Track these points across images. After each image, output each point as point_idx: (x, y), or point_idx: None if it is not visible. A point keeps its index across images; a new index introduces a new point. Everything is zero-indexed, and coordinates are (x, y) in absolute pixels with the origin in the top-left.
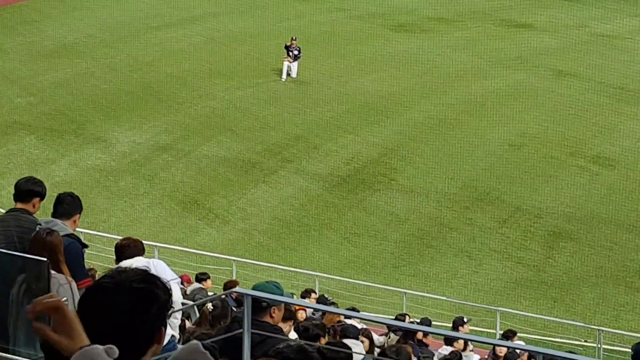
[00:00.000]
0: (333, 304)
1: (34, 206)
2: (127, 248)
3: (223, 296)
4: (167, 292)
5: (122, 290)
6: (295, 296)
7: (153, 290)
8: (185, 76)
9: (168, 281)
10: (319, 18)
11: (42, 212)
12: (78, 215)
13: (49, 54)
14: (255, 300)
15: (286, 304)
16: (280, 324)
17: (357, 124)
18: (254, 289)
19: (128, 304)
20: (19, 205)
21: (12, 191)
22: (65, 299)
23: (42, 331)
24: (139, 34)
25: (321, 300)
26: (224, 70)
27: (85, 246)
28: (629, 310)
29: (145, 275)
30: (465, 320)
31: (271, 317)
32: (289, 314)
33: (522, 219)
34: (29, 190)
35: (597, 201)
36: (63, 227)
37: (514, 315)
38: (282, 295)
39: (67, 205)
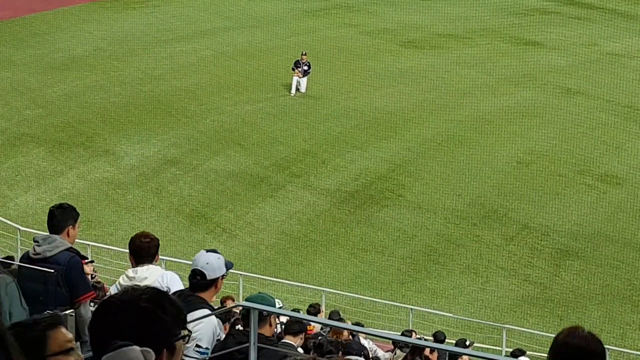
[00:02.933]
0: (340, 319)
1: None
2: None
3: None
4: (175, 315)
5: (128, 308)
6: (301, 311)
7: (157, 312)
8: (195, 90)
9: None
10: (329, 33)
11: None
12: (71, 226)
13: (59, 66)
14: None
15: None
16: (290, 338)
17: (366, 139)
18: (251, 300)
19: (131, 322)
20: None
21: (20, 203)
22: None
23: None
24: (149, 47)
25: (334, 315)
26: (233, 85)
27: (85, 258)
28: (635, 329)
29: (153, 295)
30: (467, 343)
31: (270, 325)
32: (300, 326)
33: (529, 236)
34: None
35: (604, 219)
36: (62, 242)
37: (520, 333)
38: (274, 305)
39: (57, 220)
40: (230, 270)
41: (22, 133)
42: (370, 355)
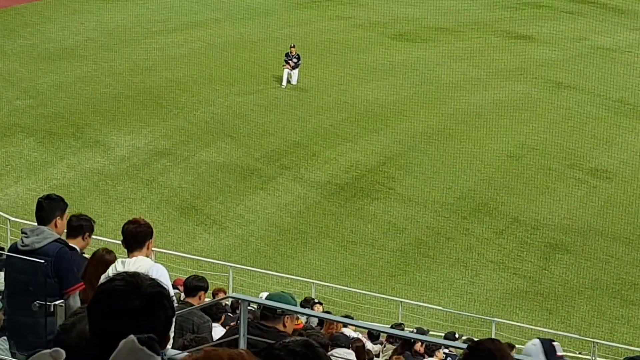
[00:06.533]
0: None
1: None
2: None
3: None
4: (172, 300)
5: (136, 293)
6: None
7: (165, 296)
8: (186, 81)
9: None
10: (320, 26)
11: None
12: (59, 217)
13: (50, 56)
14: (269, 308)
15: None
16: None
17: (357, 132)
18: (269, 297)
19: (140, 307)
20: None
21: (10, 193)
22: None
23: None
24: (140, 38)
25: (306, 303)
26: (224, 76)
27: (74, 249)
28: (624, 323)
29: (156, 281)
30: (457, 336)
31: (284, 326)
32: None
33: (519, 230)
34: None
35: (594, 214)
36: (50, 233)
37: (509, 326)
38: (295, 306)
39: (45, 211)
40: (221, 262)
41: (12, 123)
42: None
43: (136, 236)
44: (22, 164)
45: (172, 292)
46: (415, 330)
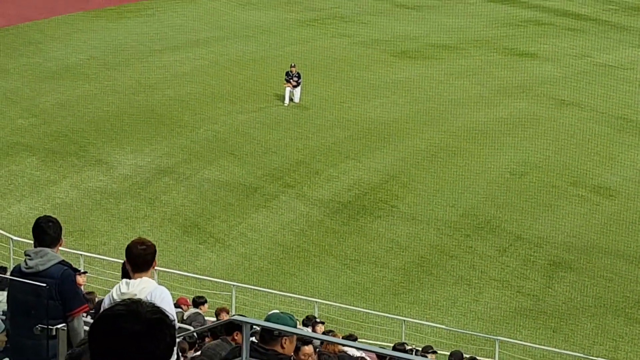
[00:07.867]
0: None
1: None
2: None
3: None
4: (173, 328)
5: (137, 318)
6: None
7: (166, 322)
8: (188, 100)
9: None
10: (323, 44)
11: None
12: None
13: (52, 75)
14: (267, 329)
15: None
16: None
17: (359, 150)
18: (267, 318)
19: (142, 332)
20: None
21: (13, 212)
22: None
23: None
24: (143, 56)
25: (308, 320)
26: (227, 95)
27: (78, 271)
28: (628, 341)
29: (157, 307)
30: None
31: (282, 347)
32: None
33: (522, 247)
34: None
35: (597, 231)
36: (54, 255)
37: (512, 345)
38: (294, 327)
39: (54, 233)
40: (224, 281)
41: (15, 142)
42: None
43: (144, 257)
44: (25, 183)
45: (174, 314)
46: (415, 348)
